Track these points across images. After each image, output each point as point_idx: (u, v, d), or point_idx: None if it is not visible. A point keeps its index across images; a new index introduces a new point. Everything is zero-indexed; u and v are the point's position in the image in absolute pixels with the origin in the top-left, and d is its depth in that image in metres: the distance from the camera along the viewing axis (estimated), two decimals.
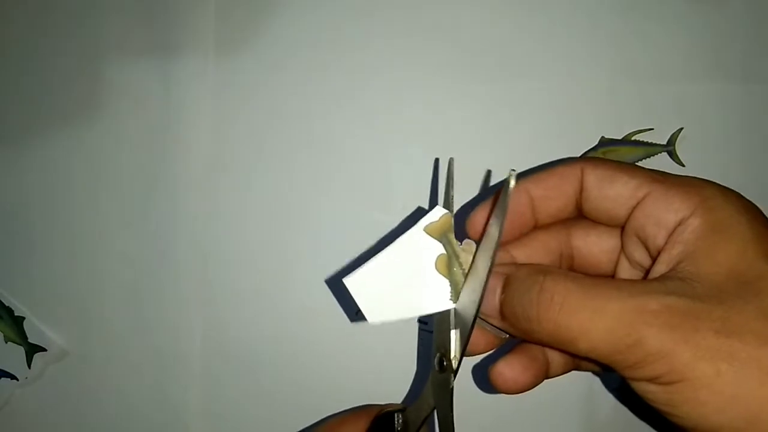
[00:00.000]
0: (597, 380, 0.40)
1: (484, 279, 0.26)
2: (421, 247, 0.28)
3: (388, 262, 0.28)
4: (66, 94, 0.42)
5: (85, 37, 0.42)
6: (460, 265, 0.28)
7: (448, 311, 0.28)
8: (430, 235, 0.28)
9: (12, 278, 0.42)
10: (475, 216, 0.29)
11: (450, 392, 0.27)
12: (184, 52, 0.42)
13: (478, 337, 0.29)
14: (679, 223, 0.25)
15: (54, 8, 0.42)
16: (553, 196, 0.29)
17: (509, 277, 0.27)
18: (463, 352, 0.27)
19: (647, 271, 0.27)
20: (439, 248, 0.28)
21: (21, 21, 0.43)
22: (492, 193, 0.28)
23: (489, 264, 0.26)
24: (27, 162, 0.42)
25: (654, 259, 0.26)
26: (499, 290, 0.27)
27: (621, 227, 0.28)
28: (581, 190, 0.28)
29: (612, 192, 0.27)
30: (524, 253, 0.30)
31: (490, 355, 0.32)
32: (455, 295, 0.28)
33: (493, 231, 0.27)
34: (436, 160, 0.40)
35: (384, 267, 0.28)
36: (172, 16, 0.42)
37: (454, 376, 0.27)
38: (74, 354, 0.42)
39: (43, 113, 0.42)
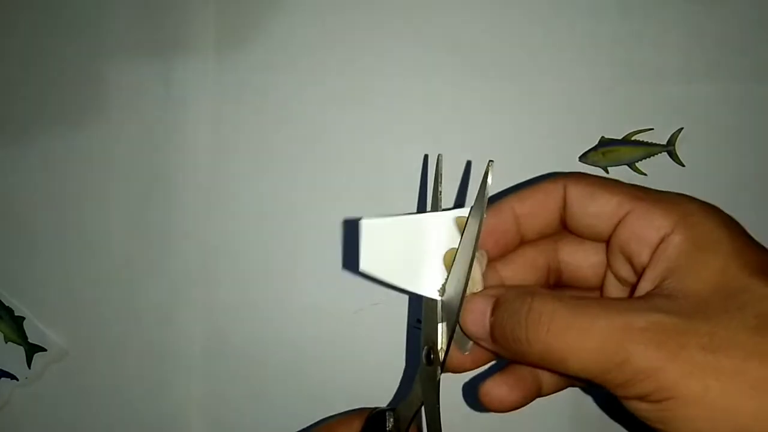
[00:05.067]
0: None
1: (467, 270, 0.27)
2: (441, 233, 0.29)
3: (407, 226, 0.29)
4: (66, 94, 0.42)
5: (85, 37, 0.42)
6: None
7: (435, 304, 0.28)
8: (458, 228, 0.29)
9: (12, 278, 0.42)
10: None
11: (437, 384, 0.28)
12: (184, 51, 0.42)
13: (464, 355, 0.29)
14: (662, 240, 0.25)
15: (54, 8, 0.42)
16: (538, 213, 0.29)
17: (498, 299, 0.27)
18: (450, 344, 0.28)
19: (633, 288, 0.27)
20: (455, 242, 0.29)
21: (22, 21, 0.43)
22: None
23: (471, 255, 0.27)
24: (27, 162, 0.42)
25: (639, 277, 0.26)
26: (488, 312, 0.27)
27: (606, 241, 0.29)
28: (565, 206, 0.29)
29: (594, 209, 0.28)
30: (512, 270, 0.31)
31: (482, 373, 0.32)
32: (443, 290, 0.28)
33: (473, 222, 0.27)
34: (425, 157, 0.40)
35: (401, 229, 0.29)
36: (172, 15, 0.42)
37: (441, 369, 0.28)
38: (74, 354, 0.42)
39: (43, 113, 0.42)
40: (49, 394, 0.42)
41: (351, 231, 0.41)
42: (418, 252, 0.29)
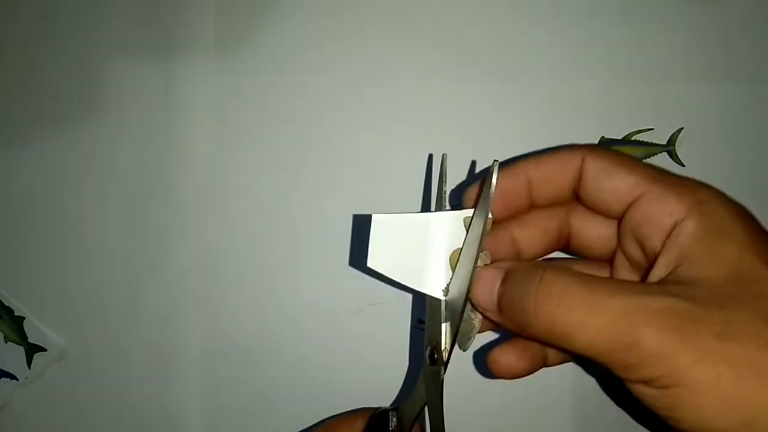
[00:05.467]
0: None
1: (470, 271, 0.27)
2: (449, 232, 0.29)
3: (417, 224, 0.29)
4: (66, 94, 0.42)
5: (85, 37, 0.42)
6: None
7: (439, 303, 0.28)
8: (466, 227, 0.29)
9: (12, 278, 0.42)
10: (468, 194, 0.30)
11: (440, 384, 0.28)
12: (184, 51, 0.42)
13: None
14: (674, 226, 0.25)
15: (54, 8, 0.42)
16: (551, 180, 0.29)
17: (509, 271, 0.27)
18: (453, 345, 0.28)
19: (645, 273, 0.27)
20: (462, 242, 0.29)
21: (21, 21, 0.43)
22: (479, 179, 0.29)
23: (474, 257, 0.27)
24: (27, 162, 0.42)
25: (651, 262, 0.26)
26: (498, 283, 0.27)
27: (617, 219, 0.29)
28: (580, 178, 0.28)
29: (609, 185, 0.27)
30: (523, 231, 0.31)
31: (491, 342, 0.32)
32: (447, 290, 0.28)
33: (477, 222, 0.27)
34: (430, 156, 0.40)
35: (411, 226, 0.29)
36: (172, 15, 0.42)
37: (445, 369, 0.28)
38: (74, 354, 0.42)
39: (43, 113, 0.42)
40: (49, 394, 0.42)
41: (360, 227, 0.41)
42: (426, 250, 0.29)
